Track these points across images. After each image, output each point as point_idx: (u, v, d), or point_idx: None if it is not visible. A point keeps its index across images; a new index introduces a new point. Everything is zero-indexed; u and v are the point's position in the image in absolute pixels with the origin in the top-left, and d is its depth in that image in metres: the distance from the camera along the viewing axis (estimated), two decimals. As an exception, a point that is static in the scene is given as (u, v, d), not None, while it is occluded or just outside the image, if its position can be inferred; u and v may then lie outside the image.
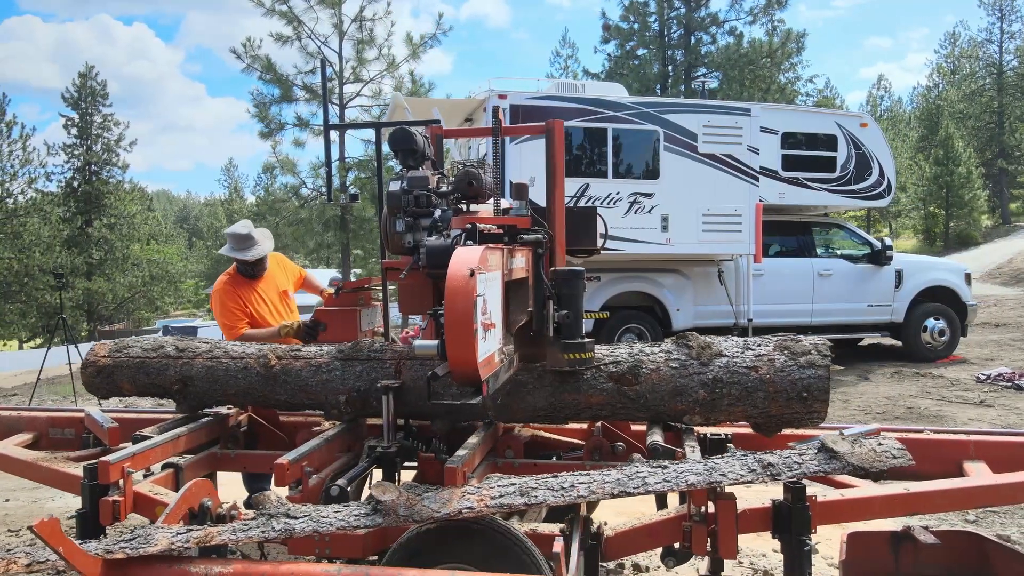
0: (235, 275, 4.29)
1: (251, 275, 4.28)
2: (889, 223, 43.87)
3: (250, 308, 4.25)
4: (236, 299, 4.20)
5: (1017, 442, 3.03)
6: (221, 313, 4.21)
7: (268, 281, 4.37)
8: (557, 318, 2.71)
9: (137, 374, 3.36)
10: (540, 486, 2.29)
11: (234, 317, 4.17)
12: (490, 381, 2.22)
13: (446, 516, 2.20)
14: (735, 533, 2.37)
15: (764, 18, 32.21)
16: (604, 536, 2.56)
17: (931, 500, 2.69)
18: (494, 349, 2.31)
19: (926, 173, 37.96)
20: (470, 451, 2.80)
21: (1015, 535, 3.81)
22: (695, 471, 2.29)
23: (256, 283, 4.30)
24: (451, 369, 2.13)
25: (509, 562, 2.28)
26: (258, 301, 4.29)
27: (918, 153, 42.18)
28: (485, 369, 2.16)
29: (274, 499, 2.33)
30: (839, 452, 2.29)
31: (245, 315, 4.21)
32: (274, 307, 4.37)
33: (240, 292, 4.23)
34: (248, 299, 4.24)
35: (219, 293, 4.24)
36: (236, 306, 4.19)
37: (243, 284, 4.26)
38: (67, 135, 31.85)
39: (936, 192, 37.00)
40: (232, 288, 4.23)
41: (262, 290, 4.32)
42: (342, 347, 3.28)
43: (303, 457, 2.79)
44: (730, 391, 2.86)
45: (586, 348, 2.76)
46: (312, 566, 2.15)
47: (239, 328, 4.14)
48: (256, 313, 4.26)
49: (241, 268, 4.27)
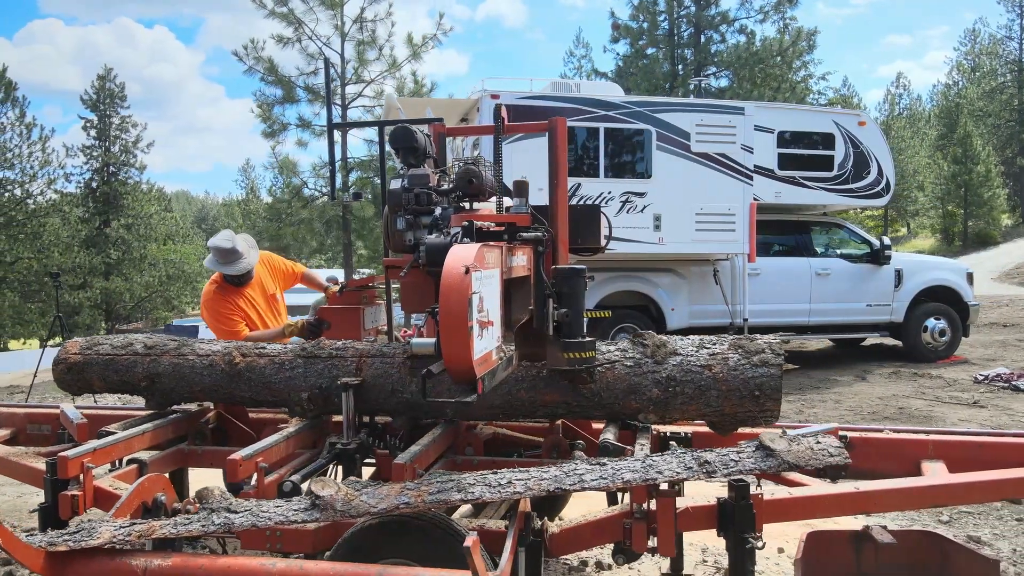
0: (222, 283, 4.32)
1: (238, 283, 4.31)
2: (907, 222, 43.43)
3: (241, 314, 4.28)
4: (226, 304, 4.24)
5: (975, 442, 3.01)
6: (216, 320, 4.22)
7: (255, 286, 4.40)
8: (557, 317, 2.68)
9: (106, 371, 3.41)
10: (478, 482, 2.31)
11: (231, 321, 4.19)
12: (486, 379, 2.21)
13: (382, 511, 2.23)
14: (673, 530, 2.37)
15: (776, 16, 32.03)
16: (549, 533, 2.57)
17: (881, 499, 2.68)
18: (491, 347, 2.31)
19: (944, 172, 37.53)
20: (422, 448, 2.83)
21: (987, 536, 3.78)
22: (632, 469, 2.30)
23: (243, 289, 4.33)
24: (446, 367, 2.13)
25: (449, 557, 2.30)
26: (247, 306, 4.32)
27: (937, 152, 41.69)
28: (481, 367, 2.16)
29: (217, 494, 2.36)
30: (775, 450, 2.29)
31: (240, 317, 4.25)
32: (263, 311, 4.40)
33: (229, 298, 4.27)
34: (237, 304, 4.28)
35: (209, 302, 4.27)
36: (228, 311, 4.22)
37: (231, 291, 4.29)
38: (86, 136, 32.30)
39: (954, 191, 36.58)
40: (221, 295, 4.27)
41: (250, 295, 4.35)
42: (305, 345, 3.32)
43: (258, 453, 2.83)
44: (684, 389, 2.87)
45: (586, 347, 2.71)
46: (249, 560, 2.19)
47: (239, 330, 4.16)
48: (247, 319, 4.29)
49: (227, 276, 4.29)
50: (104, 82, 32.67)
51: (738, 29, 30.73)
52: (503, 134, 3.19)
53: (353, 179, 14.02)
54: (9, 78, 28.84)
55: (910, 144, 41.17)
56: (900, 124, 43.19)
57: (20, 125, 28.89)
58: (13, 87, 28.93)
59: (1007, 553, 3.55)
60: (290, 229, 14.13)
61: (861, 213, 42.72)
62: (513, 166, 3.24)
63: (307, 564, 2.15)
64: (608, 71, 33.78)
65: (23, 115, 28.80)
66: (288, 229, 14.13)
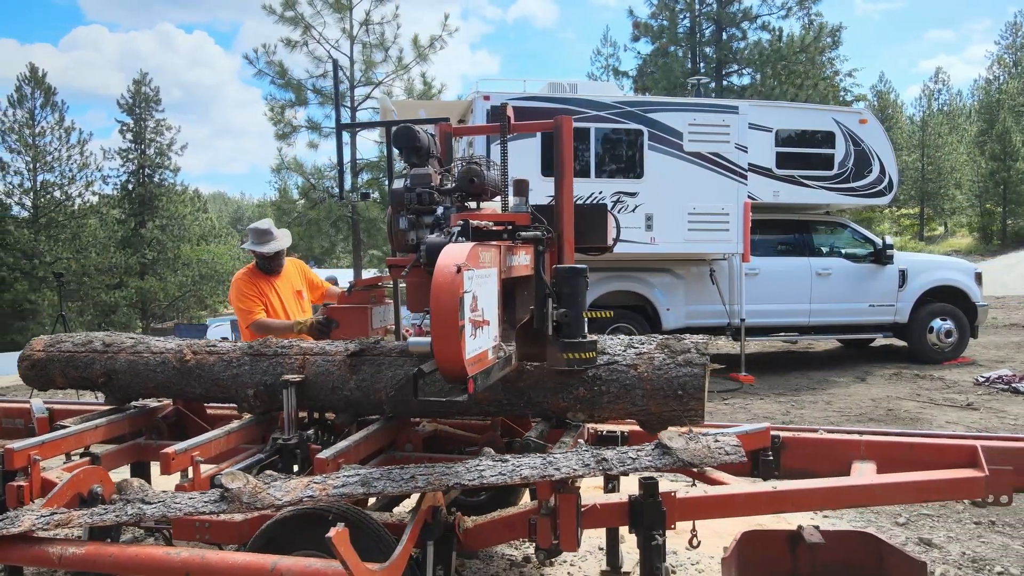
0: (254, 269, 4.57)
1: (269, 271, 4.54)
2: (944, 221, 42.39)
3: (265, 299, 4.46)
4: (252, 287, 4.45)
5: (906, 443, 3.00)
6: (237, 298, 4.45)
7: (284, 279, 4.62)
8: (556, 316, 2.65)
9: (67, 367, 3.55)
10: (383, 477, 2.37)
11: (250, 302, 4.40)
12: (478, 378, 2.20)
13: (287, 504, 2.31)
14: (575, 526, 2.41)
15: (800, 12, 31.57)
16: (465, 527, 2.63)
17: (797, 498, 2.70)
18: (487, 347, 2.31)
19: (982, 169, 36.65)
20: (351, 444, 2.91)
21: (940, 539, 3.74)
22: (531, 465, 2.35)
23: (273, 279, 4.55)
24: (437, 366, 2.12)
25: (357, 548, 2.37)
26: (273, 295, 4.51)
27: (975, 148, 40.69)
28: (474, 366, 2.16)
29: (136, 485, 2.46)
30: (672, 448, 2.33)
31: (261, 301, 4.43)
32: (287, 303, 4.58)
33: (257, 283, 4.48)
34: (264, 291, 4.48)
35: (237, 282, 4.51)
36: (252, 293, 4.43)
37: (261, 278, 4.52)
38: (122, 140, 33.14)
39: (993, 188, 35.70)
40: (250, 279, 4.50)
41: (278, 286, 4.56)
42: (252, 343, 3.42)
43: (194, 447, 2.93)
44: (609, 388, 2.90)
45: (586, 348, 2.68)
46: (155, 549, 2.28)
47: (255, 312, 4.37)
48: (269, 305, 4.48)
49: (260, 264, 4.54)
50: (139, 86, 33.46)
51: (760, 26, 30.40)
52: (510, 132, 3.16)
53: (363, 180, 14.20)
54: (48, 83, 29.80)
55: (947, 141, 40.24)
56: (938, 120, 42.19)
57: (59, 129, 29.91)
58: (52, 92, 29.89)
59: (955, 556, 3.52)
60: (299, 229, 14.39)
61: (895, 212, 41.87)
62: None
63: (208, 554, 2.23)
64: (629, 70, 33.65)
65: (62, 119, 29.85)
66: (296, 230, 14.36)
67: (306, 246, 14.92)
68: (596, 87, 8.72)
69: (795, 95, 27.21)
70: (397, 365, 3.15)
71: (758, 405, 7.17)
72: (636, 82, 32.18)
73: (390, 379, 3.13)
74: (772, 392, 7.92)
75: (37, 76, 29.66)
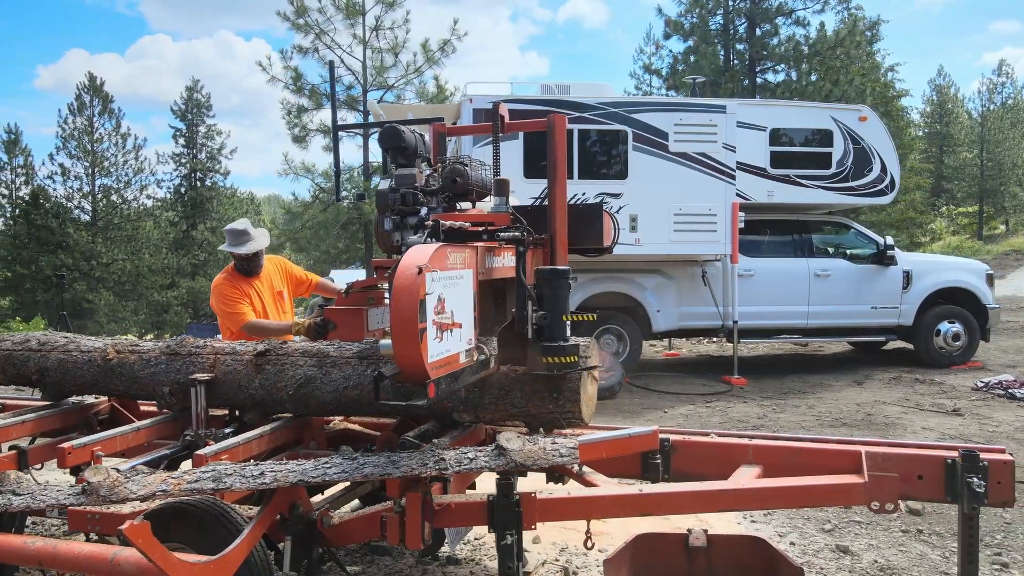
0: (233, 272, 4.54)
1: (248, 272, 4.52)
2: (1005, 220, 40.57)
3: (248, 301, 4.47)
4: (235, 290, 4.45)
5: (791, 448, 2.98)
6: (221, 301, 4.43)
7: (264, 281, 4.61)
8: (535, 319, 2.61)
9: (6, 365, 3.74)
10: (235, 473, 2.46)
11: (237, 304, 4.38)
12: (441, 382, 2.18)
13: (141, 498, 2.41)
14: (420, 524, 2.46)
15: (840, 6, 30.77)
16: (330, 523, 2.71)
17: (662, 502, 2.70)
18: (457, 350, 2.29)
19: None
20: (240, 441, 3.00)
21: (861, 546, 3.67)
22: (374, 463, 2.41)
23: (252, 280, 4.54)
24: (399, 368, 2.10)
25: (221, 544, 2.46)
26: (255, 297, 4.53)
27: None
28: (438, 370, 2.14)
29: (12, 477, 2.60)
30: (508, 450, 2.36)
31: (246, 303, 4.44)
32: (268, 305, 4.60)
33: (239, 286, 4.48)
34: (244, 291, 4.48)
35: (219, 287, 4.49)
36: (236, 295, 4.43)
37: (240, 280, 4.51)
38: (175, 145, 34.36)
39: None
40: (231, 282, 4.50)
41: (258, 288, 4.56)
42: (170, 343, 3.55)
43: (95, 442, 3.07)
44: (490, 390, 2.95)
45: (567, 352, 2.63)
46: (15, 538, 2.42)
47: (246, 315, 4.34)
48: (252, 308, 4.49)
49: (239, 266, 4.52)
50: (192, 93, 34.60)
51: (795, 21, 29.72)
52: (504, 132, 3.14)
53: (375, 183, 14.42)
54: (106, 91, 31.08)
55: (1008, 136, 38.56)
56: (999, 114, 40.47)
57: (116, 135, 31.21)
58: (110, 100, 31.16)
59: (865, 564, 3.45)
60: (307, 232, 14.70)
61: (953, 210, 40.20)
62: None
63: (60, 544, 2.36)
64: (661, 68, 33.28)
65: (119, 126, 31.21)
66: (305, 232, 14.69)
67: (313, 248, 15.26)
68: (591, 88, 8.67)
69: (830, 91, 26.57)
70: (299, 365, 3.24)
71: (737, 408, 7.08)
72: (667, 80, 31.84)
73: (291, 378, 3.23)
74: (760, 395, 7.79)
75: (95, 85, 30.95)
